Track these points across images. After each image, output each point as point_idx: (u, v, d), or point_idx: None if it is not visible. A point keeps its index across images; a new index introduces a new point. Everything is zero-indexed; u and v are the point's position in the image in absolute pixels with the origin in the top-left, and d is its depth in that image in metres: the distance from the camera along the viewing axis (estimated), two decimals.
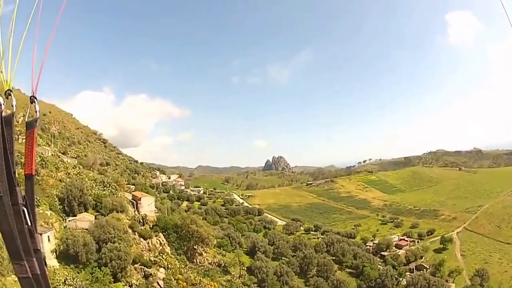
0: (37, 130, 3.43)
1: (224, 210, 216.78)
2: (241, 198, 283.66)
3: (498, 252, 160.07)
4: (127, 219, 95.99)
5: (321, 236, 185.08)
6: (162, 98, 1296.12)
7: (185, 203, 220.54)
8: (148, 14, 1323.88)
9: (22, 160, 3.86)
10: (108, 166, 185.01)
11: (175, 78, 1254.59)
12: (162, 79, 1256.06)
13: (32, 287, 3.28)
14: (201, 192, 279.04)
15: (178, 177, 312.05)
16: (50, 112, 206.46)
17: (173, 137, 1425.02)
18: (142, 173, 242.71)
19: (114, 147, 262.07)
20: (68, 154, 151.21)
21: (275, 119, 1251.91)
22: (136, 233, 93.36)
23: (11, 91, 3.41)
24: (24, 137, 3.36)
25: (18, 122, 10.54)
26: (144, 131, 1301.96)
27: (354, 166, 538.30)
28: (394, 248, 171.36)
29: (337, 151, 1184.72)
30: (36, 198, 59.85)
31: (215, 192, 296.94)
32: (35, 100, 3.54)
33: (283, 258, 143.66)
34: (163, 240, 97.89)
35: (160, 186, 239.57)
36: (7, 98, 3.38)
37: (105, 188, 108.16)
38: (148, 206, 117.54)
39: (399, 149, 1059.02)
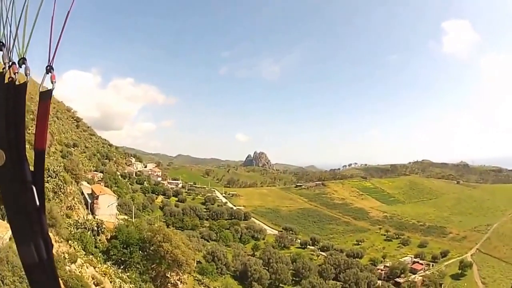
0: (50, 102, 3.11)
1: (205, 211, 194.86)
2: (224, 196, 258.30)
3: None
4: (70, 227, 64.67)
5: (322, 253, 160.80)
6: (149, 83, 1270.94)
7: (160, 198, 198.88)
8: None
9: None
10: (75, 148, 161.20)
11: (163, 65, 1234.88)
12: (151, 64, 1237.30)
13: (38, 274, 2.92)
14: (180, 186, 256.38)
15: (155, 166, 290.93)
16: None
17: (156, 123, 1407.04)
18: (114, 159, 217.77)
19: (88, 127, 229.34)
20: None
21: (258, 115, 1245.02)
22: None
23: (25, 59, 3.05)
24: (36, 109, 2.97)
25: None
26: (127, 115, 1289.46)
27: (338, 169, 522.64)
28: (408, 273, 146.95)
29: (316, 152, 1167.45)
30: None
31: (195, 187, 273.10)
32: (52, 70, 3.16)
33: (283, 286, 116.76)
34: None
35: (134, 175, 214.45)
36: (20, 66, 3.01)
37: (48, 179, 70.39)
38: (107, 207, 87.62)
39: (383, 155, 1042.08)
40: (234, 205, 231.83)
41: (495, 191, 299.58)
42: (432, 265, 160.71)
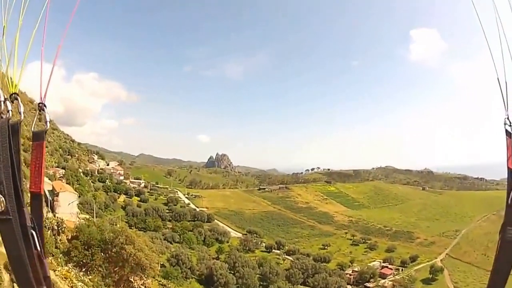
0: (45, 143, 3.18)
1: (168, 212, 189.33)
2: (186, 197, 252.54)
3: None
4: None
5: (288, 257, 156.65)
6: (113, 79, 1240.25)
7: (122, 197, 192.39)
8: None
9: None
10: None
11: (128, 61, 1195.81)
12: (115, 60, 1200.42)
13: None
14: (142, 185, 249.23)
15: (118, 165, 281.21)
16: None
17: (119, 121, 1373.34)
18: (77, 155, 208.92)
19: (51, 120, 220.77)
20: None
21: (221, 116, 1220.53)
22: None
23: (17, 94, 3.11)
24: (30, 150, 3.09)
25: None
26: (90, 112, 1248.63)
27: (301, 173, 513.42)
28: (378, 278, 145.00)
29: (278, 156, 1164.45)
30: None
31: (157, 187, 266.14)
32: (45, 107, 3.29)
33: None
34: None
35: (96, 173, 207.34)
36: (12, 102, 3.06)
37: None
38: (68, 205, 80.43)
39: (345, 161, 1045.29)
40: (197, 207, 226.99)
41: (462, 198, 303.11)
42: (402, 270, 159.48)
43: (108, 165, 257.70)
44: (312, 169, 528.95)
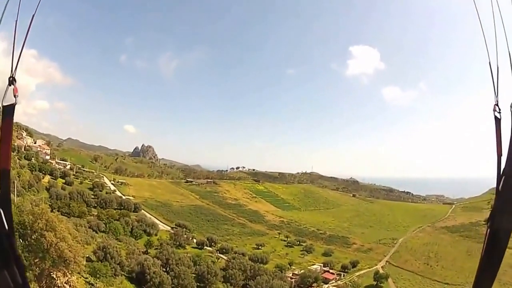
0: (13, 118, 3.12)
1: (93, 198, 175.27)
2: (112, 183, 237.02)
3: None
4: None
5: (221, 255, 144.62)
6: (51, 60, 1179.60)
7: (47, 178, 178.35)
8: None
9: None
10: None
11: (68, 42, 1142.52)
12: (55, 38, 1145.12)
13: None
14: (68, 167, 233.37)
15: (45, 143, 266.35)
16: None
17: (50, 103, 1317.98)
18: None
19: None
20: None
21: (149, 108, 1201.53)
22: None
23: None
24: None
25: None
26: (24, 90, 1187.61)
27: (226, 170, 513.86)
28: (321, 282, 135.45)
29: (201, 152, 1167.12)
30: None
31: (84, 170, 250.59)
32: (14, 81, 3.19)
33: None
34: None
35: (23, 150, 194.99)
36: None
37: None
38: None
39: (269, 165, 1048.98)
40: (123, 194, 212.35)
41: (393, 207, 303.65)
42: (343, 275, 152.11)
43: (35, 143, 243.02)
44: (237, 168, 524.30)
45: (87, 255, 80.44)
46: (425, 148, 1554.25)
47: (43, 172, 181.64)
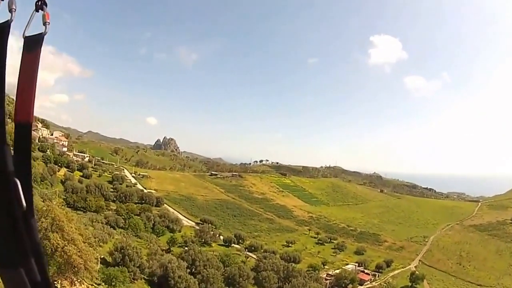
0: (40, 53, 2.37)
1: (112, 191, 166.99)
2: (133, 176, 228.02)
3: None
4: None
5: (250, 254, 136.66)
6: (69, 54, 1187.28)
7: (63, 171, 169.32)
8: None
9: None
10: None
11: (86, 36, 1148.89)
12: (73, 34, 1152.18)
13: None
14: (86, 159, 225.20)
15: (63, 135, 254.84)
16: None
17: (70, 96, 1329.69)
18: None
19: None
20: None
21: (171, 100, 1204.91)
22: None
23: None
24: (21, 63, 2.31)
25: None
26: (42, 84, 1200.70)
27: (249, 163, 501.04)
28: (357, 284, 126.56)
29: (224, 145, 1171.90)
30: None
31: (103, 162, 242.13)
32: (45, 5, 2.46)
33: None
34: None
35: (37, 141, 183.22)
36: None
37: None
38: None
39: (293, 158, 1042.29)
40: (145, 188, 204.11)
41: (421, 204, 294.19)
42: (378, 276, 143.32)
43: (52, 134, 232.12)
44: (261, 161, 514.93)
45: (102, 256, 71.80)
46: (441, 143, 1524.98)
47: (59, 164, 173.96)
